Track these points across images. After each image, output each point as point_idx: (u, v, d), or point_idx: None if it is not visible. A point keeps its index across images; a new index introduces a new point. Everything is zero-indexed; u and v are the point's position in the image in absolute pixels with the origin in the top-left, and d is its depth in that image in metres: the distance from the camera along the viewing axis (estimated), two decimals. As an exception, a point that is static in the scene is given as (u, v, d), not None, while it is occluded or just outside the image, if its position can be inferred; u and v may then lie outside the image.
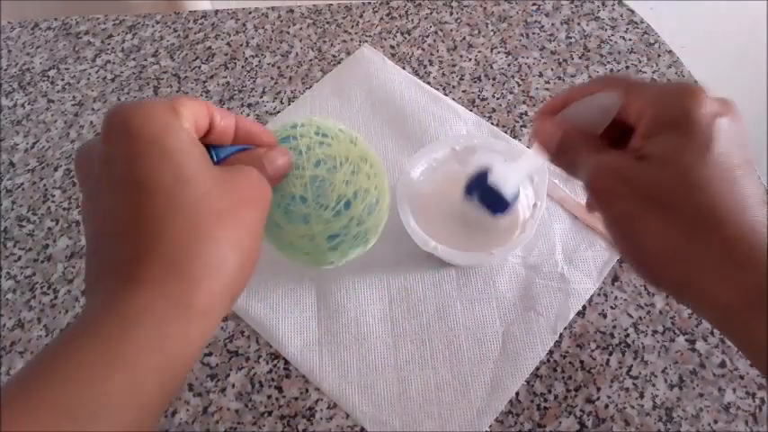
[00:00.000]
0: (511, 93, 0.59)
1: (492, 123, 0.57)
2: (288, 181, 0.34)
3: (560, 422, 0.43)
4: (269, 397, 0.44)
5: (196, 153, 0.26)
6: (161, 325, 0.23)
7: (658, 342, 0.46)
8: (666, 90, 0.29)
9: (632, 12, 0.66)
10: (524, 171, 0.41)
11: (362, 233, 0.37)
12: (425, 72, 0.61)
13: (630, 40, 0.63)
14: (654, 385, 0.44)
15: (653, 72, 0.61)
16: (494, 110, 0.58)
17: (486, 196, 0.42)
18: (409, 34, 0.64)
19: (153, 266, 0.23)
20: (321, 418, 0.43)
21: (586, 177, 0.30)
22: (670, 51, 0.62)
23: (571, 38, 0.64)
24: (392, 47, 0.63)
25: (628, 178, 0.28)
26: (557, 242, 0.50)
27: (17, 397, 0.20)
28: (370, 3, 0.67)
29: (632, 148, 0.29)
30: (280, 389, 0.45)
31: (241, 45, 0.64)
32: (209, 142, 0.29)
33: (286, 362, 0.46)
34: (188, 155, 0.25)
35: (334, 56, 0.63)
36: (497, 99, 0.59)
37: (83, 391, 0.21)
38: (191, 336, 0.23)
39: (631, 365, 0.45)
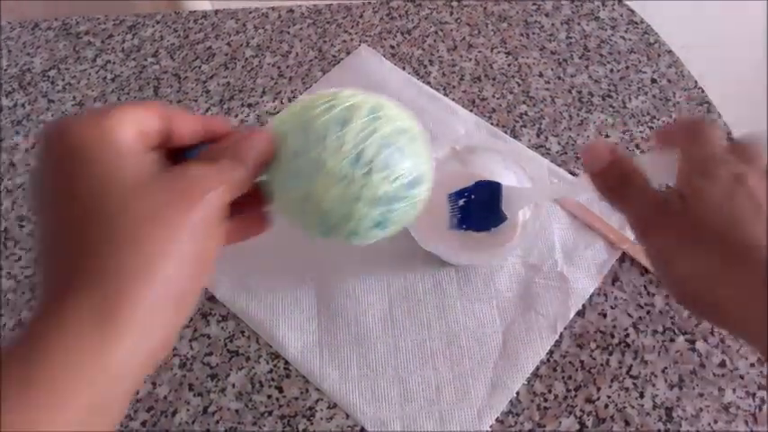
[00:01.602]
0: (511, 93, 0.59)
1: (492, 123, 0.57)
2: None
3: (560, 422, 0.43)
4: (269, 397, 0.44)
5: (122, 161, 0.24)
6: (81, 339, 0.21)
7: (658, 342, 0.46)
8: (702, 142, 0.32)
9: (632, 12, 0.66)
10: (554, 196, 0.41)
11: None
12: (425, 72, 0.61)
13: (630, 39, 0.63)
14: (654, 385, 0.44)
15: (653, 72, 0.61)
16: (494, 110, 0.58)
17: (483, 207, 0.42)
18: (409, 34, 0.64)
19: (74, 279, 0.22)
20: (321, 418, 0.43)
21: (631, 213, 0.33)
22: (670, 51, 0.62)
23: (571, 38, 0.64)
24: (392, 47, 0.63)
25: (667, 213, 0.31)
26: (556, 242, 0.50)
27: None
28: (370, 3, 0.67)
29: (678, 186, 0.31)
30: (280, 389, 0.45)
31: (241, 45, 0.64)
32: (173, 145, 0.28)
33: (286, 362, 0.46)
34: (111, 164, 0.24)
35: (334, 56, 0.63)
36: (497, 99, 0.59)
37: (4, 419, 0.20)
38: (118, 348, 0.22)
39: (631, 365, 0.45)
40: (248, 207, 0.30)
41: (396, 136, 0.30)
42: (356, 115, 0.29)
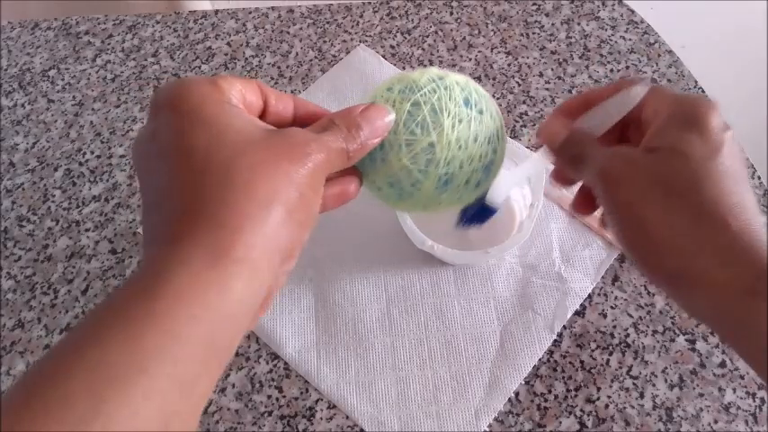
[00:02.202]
0: (511, 93, 0.59)
1: (492, 123, 0.57)
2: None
3: (560, 422, 0.43)
4: (269, 397, 0.44)
5: (237, 116, 0.26)
6: (196, 275, 0.22)
7: (658, 342, 0.46)
8: (685, 96, 0.31)
9: (632, 11, 0.66)
10: (523, 175, 0.40)
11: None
12: (425, 72, 0.61)
13: (630, 39, 0.63)
14: (654, 385, 0.44)
15: (653, 72, 0.60)
16: (493, 110, 0.58)
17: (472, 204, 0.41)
18: (409, 34, 0.64)
19: (189, 223, 0.23)
20: (321, 418, 0.43)
21: (597, 166, 0.31)
22: (670, 51, 0.62)
23: (571, 38, 0.63)
24: (392, 47, 0.63)
25: (638, 165, 0.30)
26: (554, 241, 0.50)
27: (53, 362, 0.20)
28: (370, 3, 0.67)
29: (644, 144, 0.31)
30: (280, 389, 0.45)
31: (241, 45, 0.64)
32: (267, 122, 0.29)
33: (286, 362, 0.46)
34: (225, 121, 0.26)
35: (334, 56, 0.63)
36: (497, 99, 0.59)
37: (116, 351, 0.20)
38: (232, 286, 0.23)
39: (631, 365, 0.45)
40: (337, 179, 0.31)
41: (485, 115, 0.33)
42: (454, 102, 0.32)
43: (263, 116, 0.29)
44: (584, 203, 0.36)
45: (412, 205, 0.34)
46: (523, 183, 0.47)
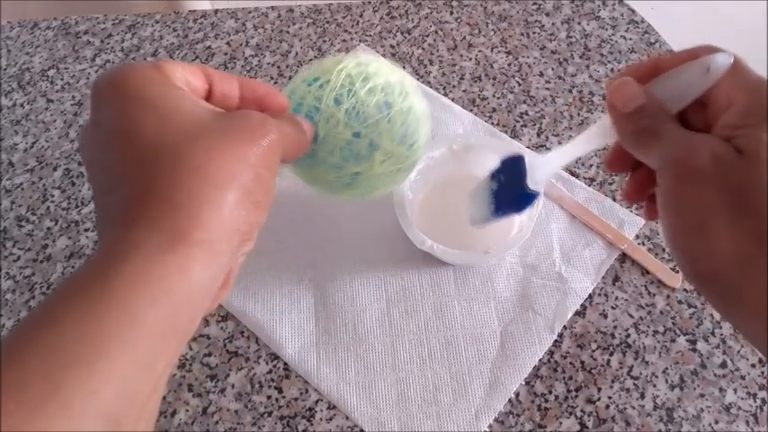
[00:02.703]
0: (511, 92, 0.59)
1: (492, 123, 0.57)
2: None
3: (561, 423, 0.43)
4: (269, 397, 0.44)
5: (182, 98, 0.26)
6: (155, 258, 0.22)
7: (659, 342, 0.46)
8: (762, 84, 0.28)
9: (633, 11, 0.65)
10: (571, 156, 0.35)
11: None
12: (425, 72, 0.61)
13: (631, 39, 0.63)
14: (655, 386, 0.44)
15: (653, 71, 0.60)
16: (494, 109, 0.58)
17: (509, 189, 0.37)
18: (409, 34, 0.64)
19: (144, 206, 0.23)
20: (321, 419, 0.43)
21: (673, 151, 0.28)
22: (671, 51, 0.62)
23: (572, 37, 0.63)
24: (392, 46, 0.63)
25: (724, 165, 0.26)
26: (554, 241, 0.50)
27: (8, 345, 0.20)
28: (369, 2, 0.67)
29: (719, 134, 0.28)
30: (279, 389, 0.45)
31: (241, 45, 0.64)
32: (213, 105, 0.29)
33: (286, 362, 0.46)
34: (172, 103, 0.25)
35: (334, 55, 0.63)
36: (498, 99, 0.59)
37: (74, 332, 0.20)
38: (190, 269, 0.23)
39: (632, 366, 0.45)
40: None
41: (415, 107, 0.35)
42: (395, 96, 0.34)
43: (208, 99, 0.29)
44: (638, 190, 0.33)
45: (314, 185, 0.36)
46: (570, 162, 0.39)
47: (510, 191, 0.35)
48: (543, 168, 0.35)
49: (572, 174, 0.54)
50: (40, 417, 0.18)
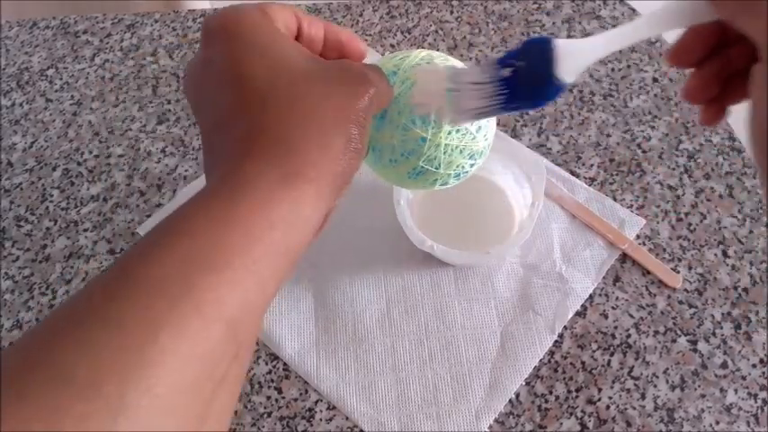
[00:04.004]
0: (511, 92, 0.59)
1: (492, 122, 0.57)
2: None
3: (561, 423, 0.42)
4: (268, 398, 0.44)
5: (288, 45, 0.28)
6: (272, 190, 0.24)
7: (660, 343, 0.45)
8: None
9: (633, 10, 0.65)
10: (630, 38, 0.30)
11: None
12: (425, 71, 0.61)
13: (631, 38, 0.63)
14: (655, 386, 0.44)
15: (654, 71, 0.60)
16: (494, 109, 0.58)
17: (534, 75, 0.30)
18: (409, 33, 0.64)
19: (260, 142, 0.25)
20: (321, 420, 0.43)
21: None
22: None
23: (572, 37, 0.63)
24: (392, 45, 0.63)
25: None
26: (555, 241, 0.50)
27: (148, 244, 0.22)
28: (369, 1, 0.67)
29: None
30: (279, 390, 0.44)
31: (240, 44, 0.64)
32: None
33: (285, 363, 0.45)
34: (280, 49, 0.27)
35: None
36: (497, 98, 0.59)
37: (204, 245, 0.22)
38: (302, 203, 0.25)
39: (633, 366, 0.45)
40: None
41: None
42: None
43: (296, 39, 0.30)
44: (702, 89, 0.28)
45: (381, 172, 0.36)
46: (614, 51, 0.31)
47: (530, 79, 0.30)
48: (581, 55, 0.29)
49: (573, 173, 0.54)
50: (175, 314, 0.20)
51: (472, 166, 0.35)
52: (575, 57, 0.29)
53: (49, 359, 0.18)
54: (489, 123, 0.35)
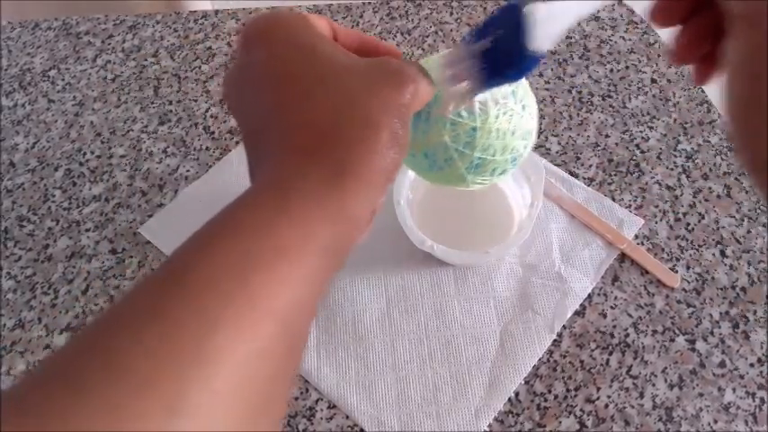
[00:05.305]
0: (510, 92, 0.59)
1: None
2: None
3: (560, 422, 0.43)
4: (268, 396, 0.44)
5: (330, 44, 0.28)
6: (321, 186, 0.24)
7: (658, 342, 0.46)
8: None
9: (632, 12, 0.65)
10: (588, 6, 0.28)
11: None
12: (425, 72, 0.61)
13: (630, 40, 0.63)
14: (654, 385, 0.44)
15: (653, 72, 0.60)
16: (493, 110, 0.58)
17: (504, 49, 0.28)
18: (409, 34, 0.64)
19: (305, 138, 0.25)
20: (321, 418, 0.43)
21: None
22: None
23: (571, 38, 0.63)
24: (392, 47, 0.63)
25: None
26: (554, 241, 0.50)
27: (198, 242, 0.22)
28: (370, 3, 0.67)
29: None
30: (279, 388, 0.45)
31: (241, 45, 0.64)
32: None
33: (285, 361, 0.46)
34: (321, 48, 0.27)
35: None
36: (497, 99, 0.59)
37: (255, 241, 0.22)
38: (350, 198, 0.24)
39: (631, 365, 0.45)
40: None
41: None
42: (502, 94, 0.34)
43: None
44: (690, 47, 0.27)
45: (438, 178, 0.35)
46: (587, 13, 0.29)
47: (507, 50, 0.27)
48: (551, 21, 0.27)
49: (572, 174, 0.54)
50: (230, 311, 0.20)
51: (525, 147, 0.35)
52: (548, 23, 0.27)
53: (107, 356, 0.18)
54: (531, 101, 0.35)
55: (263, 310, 0.21)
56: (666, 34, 0.66)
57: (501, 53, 0.28)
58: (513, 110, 0.33)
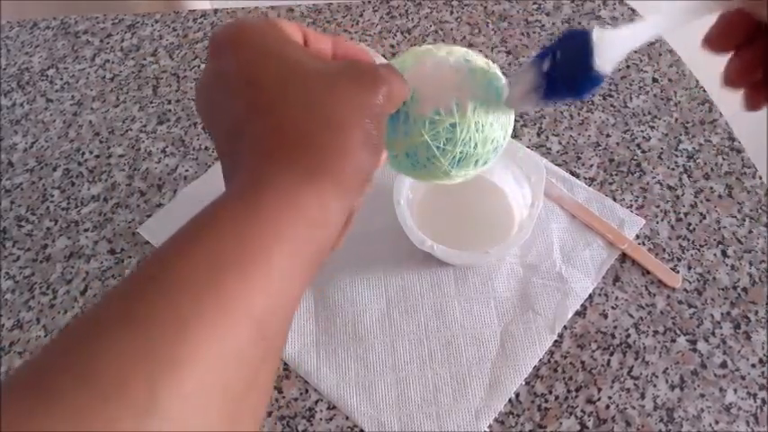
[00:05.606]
0: (511, 92, 0.59)
1: (492, 123, 0.57)
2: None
3: (561, 423, 0.43)
4: (268, 397, 0.44)
5: (299, 49, 0.28)
6: (295, 188, 0.24)
7: (659, 342, 0.46)
8: None
9: (633, 11, 0.65)
10: (666, 25, 0.30)
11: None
12: (425, 71, 0.61)
13: (631, 38, 0.63)
14: (655, 386, 0.44)
15: (654, 71, 0.60)
16: (494, 109, 0.58)
17: (572, 67, 0.31)
18: (409, 33, 0.64)
19: (278, 142, 0.25)
20: (321, 419, 0.43)
21: None
22: (671, 50, 0.62)
23: (571, 37, 0.63)
24: (392, 46, 0.63)
25: None
26: (554, 241, 0.50)
27: (173, 245, 0.22)
28: (370, 2, 0.67)
29: None
30: (279, 389, 0.44)
31: (240, 44, 0.64)
32: None
33: (285, 362, 0.45)
34: (291, 53, 0.27)
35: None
36: (497, 98, 0.59)
37: (231, 241, 0.22)
38: (325, 200, 0.25)
39: (632, 366, 0.45)
40: None
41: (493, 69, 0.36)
42: (473, 56, 0.35)
43: None
44: (742, 73, 0.28)
45: (422, 176, 0.36)
46: (648, 40, 0.32)
47: (569, 71, 0.31)
48: (619, 44, 0.30)
49: (572, 173, 0.54)
50: (202, 314, 0.20)
51: (504, 137, 0.35)
52: (612, 47, 0.29)
53: (75, 361, 0.18)
54: (502, 89, 0.35)
55: (234, 311, 0.21)
56: (667, 35, 0.65)
57: (565, 73, 0.31)
58: (489, 101, 0.34)
